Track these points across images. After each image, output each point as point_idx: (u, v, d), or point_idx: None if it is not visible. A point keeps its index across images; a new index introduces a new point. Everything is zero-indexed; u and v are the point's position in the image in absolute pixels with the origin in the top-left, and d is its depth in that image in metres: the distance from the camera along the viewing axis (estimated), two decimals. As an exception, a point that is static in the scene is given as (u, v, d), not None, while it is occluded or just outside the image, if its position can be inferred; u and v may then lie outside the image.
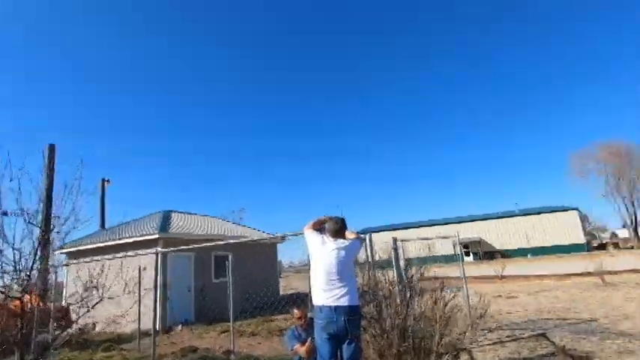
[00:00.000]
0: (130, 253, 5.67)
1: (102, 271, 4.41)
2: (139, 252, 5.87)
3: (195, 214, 16.20)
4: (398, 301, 3.50)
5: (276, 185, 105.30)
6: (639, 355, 4.37)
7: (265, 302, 14.03)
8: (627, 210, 40.81)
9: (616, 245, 42.92)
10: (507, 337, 5.71)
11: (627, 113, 74.78)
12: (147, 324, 7.05)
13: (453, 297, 3.66)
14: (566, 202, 42.68)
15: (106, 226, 15.28)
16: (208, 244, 5.17)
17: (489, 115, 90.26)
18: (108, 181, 17.23)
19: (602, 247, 43.13)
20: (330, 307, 2.84)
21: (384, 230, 40.84)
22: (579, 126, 75.91)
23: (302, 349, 3.66)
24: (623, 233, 53.77)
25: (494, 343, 5.29)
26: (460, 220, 46.44)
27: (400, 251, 4.81)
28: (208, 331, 9.09)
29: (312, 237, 3.22)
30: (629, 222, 41.82)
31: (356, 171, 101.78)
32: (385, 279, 3.98)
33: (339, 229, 3.17)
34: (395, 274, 3.96)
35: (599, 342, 5.08)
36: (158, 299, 8.20)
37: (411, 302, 3.48)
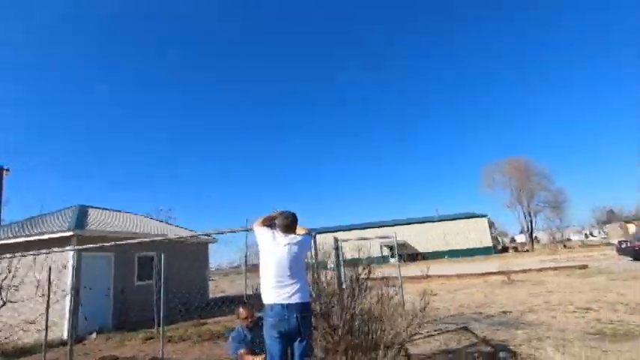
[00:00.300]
0: (43, 251, 4.82)
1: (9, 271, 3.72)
2: (55, 250, 5.06)
3: (119, 210, 14.74)
4: (345, 297, 3.52)
5: (212, 185, 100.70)
6: (544, 341, 4.99)
7: (195, 306, 13.35)
8: (525, 218, 46.92)
9: (515, 249, 48.95)
10: (435, 331, 6.12)
11: (533, 132, 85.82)
12: (50, 333, 6.15)
13: (396, 294, 3.78)
14: (478, 209, 47.31)
15: (5, 221, 13.13)
16: (132, 241, 4.61)
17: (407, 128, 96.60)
18: (7, 170, 14.85)
19: (505, 250, 48.91)
20: (282, 304, 2.74)
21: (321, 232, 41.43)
22: (494, 142, 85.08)
23: (249, 358, 3.50)
24: (521, 238, 62.18)
25: (425, 337, 5.62)
26: (382, 225, 48.91)
27: (340, 252, 4.92)
28: (129, 339, 8.26)
29: (262, 233, 3.09)
30: (525, 228, 48.07)
31: (299, 173, 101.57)
32: (330, 277, 4.01)
33: (289, 224, 3.09)
34: (338, 273, 3.99)
35: (511, 332, 5.70)
36: (72, 304, 7.20)
37: (357, 299, 3.52)
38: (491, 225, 48.76)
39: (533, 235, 47.29)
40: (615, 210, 59.46)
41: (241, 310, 3.73)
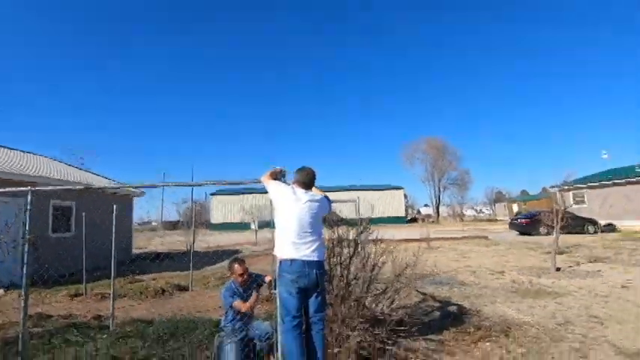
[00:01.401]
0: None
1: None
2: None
3: (22, 150, 12.50)
4: (343, 259, 3.62)
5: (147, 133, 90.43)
6: (479, 298, 5.82)
7: (119, 261, 12.34)
8: (434, 193, 52.37)
9: (423, 220, 54.68)
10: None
11: (449, 112, 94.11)
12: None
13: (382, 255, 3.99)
14: (400, 183, 51.05)
15: None
16: (48, 187, 3.83)
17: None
18: None
19: (414, 220, 54.31)
20: (302, 261, 2.74)
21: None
22: (414, 121, 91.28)
23: (245, 305, 3.45)
24: (425, 211, 69.64)
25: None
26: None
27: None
28: (49, 295, 7.40)
29: (279, 187, 2.97)
30: (434, 202, 53.82)
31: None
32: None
33: (309, 181, 3.03)
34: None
35: (449, 290, 6.51)
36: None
37: (353, 259, 3.65)
38: (406, 197, 53.37)
39: (440, 208, 53.23)
40: (503, 191, 69.60)
41: (236, 266, 3.61)
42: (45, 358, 3.70)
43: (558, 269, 8.06)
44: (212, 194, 47.25)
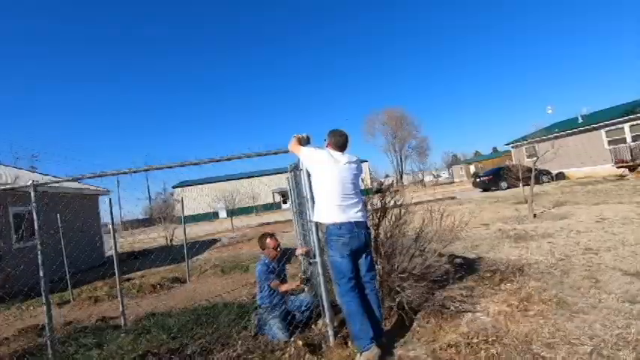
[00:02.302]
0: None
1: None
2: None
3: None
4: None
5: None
6: (480, 246, 6.16)
7: (91, 265, 11.64)
8: (396, 162, 53.99)
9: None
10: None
11: (404, 80, 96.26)
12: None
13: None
14: (362, 154, 52.01)
15: None
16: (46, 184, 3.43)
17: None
18: None
19: (379, 191, 56.00)
20: (351, 222, 2.72)
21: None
22: (372, 94, 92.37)
23: (283, 287, 3.40)
24: (389, 180, 72.43)
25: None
26: (278, 172, 49.72)
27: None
28: (35, 307, 6.83)
29: (315, 152, 2.89)
30: (397, 171, 55.60)
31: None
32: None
33: (345, 143, 2.97)
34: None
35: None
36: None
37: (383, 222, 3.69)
38: (370, 169, 54.56)
39: (403, 177, 55.11)
40: (458, 154, 73.31)
41: (269, 240, 3.53)
42: (80, 357, 3.44)
43: (535, 215, 8.72)
44: (174, 187, 45.42)
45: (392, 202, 3.78)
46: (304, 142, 3.11)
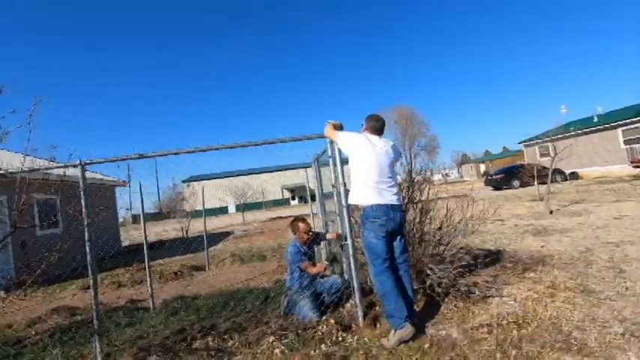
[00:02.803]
0: None
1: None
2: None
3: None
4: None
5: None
6: (501, 239, 6.19)
7: (111, 254, 11.90)
8: (407, 160, 53.77)
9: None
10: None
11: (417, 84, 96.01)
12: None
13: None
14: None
15: None
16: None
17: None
18: None
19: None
20: (387, 205, 2.80)
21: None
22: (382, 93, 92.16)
23: (314, 269, 3.50)
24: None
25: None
26: (284, 168, 49.94)
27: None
28: (54, 292, 7.05)
29: (353, 136, 2.97)
30: (406, 170, 55.41)
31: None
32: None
33: (381, 127, 3.06)
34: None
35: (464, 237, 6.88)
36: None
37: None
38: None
39: (412, 174, 54.88)
40: (468, 154, 72.76)
41: (301, 224, 3.63)
42: (114, 334, 3.59)
43: (551, 212, 8.70)
44: (184, 181, 45.88)
45: (419, 194, 3.84)
46: (338, 128, 3.20)
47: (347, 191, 3.25)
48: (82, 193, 3.03)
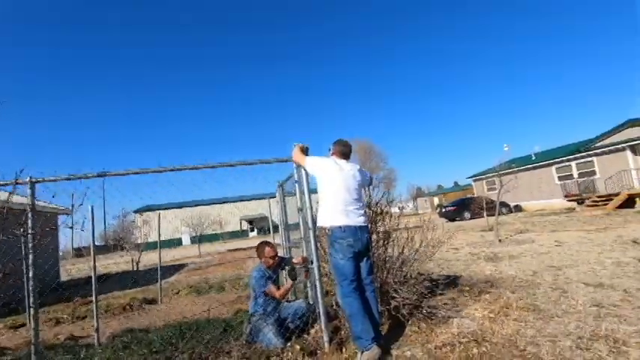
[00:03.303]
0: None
1: None
2: None
3: None
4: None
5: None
6: (450, 266, 6.46)
7: (49, 289, 10.76)
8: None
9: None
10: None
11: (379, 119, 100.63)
12: None
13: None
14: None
15: None
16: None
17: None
18: None
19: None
20: (355, 226, 2.88)
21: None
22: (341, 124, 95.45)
23: (279, 292, 3.43)
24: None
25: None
26: (248, 198, 49.07)
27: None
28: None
29: (321, 161, 3.07)
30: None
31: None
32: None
33: (348, 152, 3.19)
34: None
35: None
36: None
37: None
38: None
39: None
40: (422, 187, 76.21)
41: (268, 248, 3.57)
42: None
43: (500, 240, 9.27)
44: (135, 211, 43.31)
45: (381, 218, 3.98)
46: (304, 150, 3.29)
47: (314, 215, 3.30)
48: (29, 213, 2.80)
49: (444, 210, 23.18)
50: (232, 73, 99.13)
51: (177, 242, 43.16)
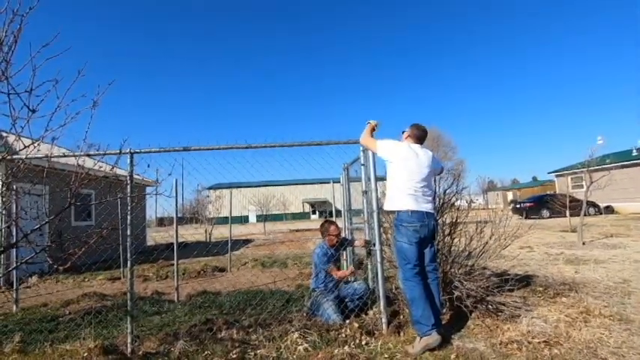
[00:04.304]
0: None
1: None
2: None
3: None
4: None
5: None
6: (524, 265, 6.00)
7: (136, 252, 12.27)
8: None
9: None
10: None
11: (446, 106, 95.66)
12: None
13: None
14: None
15: None
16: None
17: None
18: None
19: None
20: (423, 212, 2.83)
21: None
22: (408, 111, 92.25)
23: (339, 273, 3.53)
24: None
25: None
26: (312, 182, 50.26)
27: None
28: (84, 280, 7.32)
29: (395, 147, 3.02)
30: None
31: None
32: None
33: (424, 137, 3.11)
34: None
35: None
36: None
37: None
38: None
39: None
40: (495, 180, 70.88)
41: (332, 227, 3.69)
42: (142, 320, 3.72)
43: (584, 243, 8.34)
44: (209, 188, 46.97)
45: (450, 207, 3.84)
46: (377, 130, 3.27)
47: (379, 199, 3.31)
48: (128, 179, 3.22)
49: (518, 206, 21.40)
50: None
51: (244, 219, 45.99)
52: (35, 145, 2.59)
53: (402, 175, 2.89)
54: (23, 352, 3.04)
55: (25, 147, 2.71)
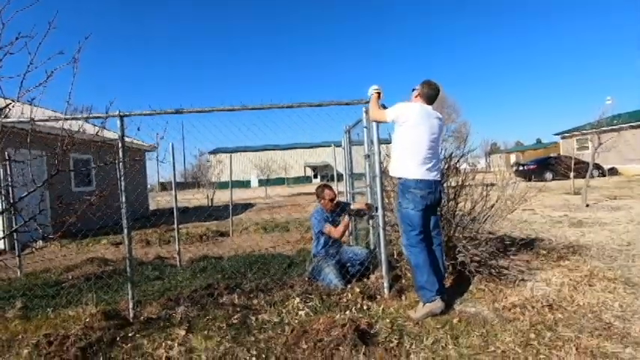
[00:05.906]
0: None
1: None
2: None
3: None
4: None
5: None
6: (527, 228, 5.97)
7: (139, 215, 12.39)
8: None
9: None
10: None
11: (449, 66, 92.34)
12: None
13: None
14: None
15: None
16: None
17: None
18: None
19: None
20: (430, 180, 2.70)
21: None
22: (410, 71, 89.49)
23: (336, 230, 3.46)
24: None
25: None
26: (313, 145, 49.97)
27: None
28: (92, 245, 7.39)
29: (407, 108, 2.80)
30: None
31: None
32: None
33: (436, 97, 2.89)
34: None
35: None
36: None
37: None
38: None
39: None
40: (499, 143, 70.19)
41: (327, 191, 3.59)
42: (144, 285, 3.74)
43: (587, 205, 8.28)
44: (210, 153, 46.84)
45: (455, 171, 3.71)
46: (381, 96, 3.06)
47: (382, 163, 3.17)
48: (119, 143, 3.08)
49: (520, 168, 21.23)
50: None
51: (246, 184, 46.19)
52: (10, 106, 2.42)
53: (412, 140, 2.71)
54: (26, 318, 3.06)
55: (0, 109, 2.53)
